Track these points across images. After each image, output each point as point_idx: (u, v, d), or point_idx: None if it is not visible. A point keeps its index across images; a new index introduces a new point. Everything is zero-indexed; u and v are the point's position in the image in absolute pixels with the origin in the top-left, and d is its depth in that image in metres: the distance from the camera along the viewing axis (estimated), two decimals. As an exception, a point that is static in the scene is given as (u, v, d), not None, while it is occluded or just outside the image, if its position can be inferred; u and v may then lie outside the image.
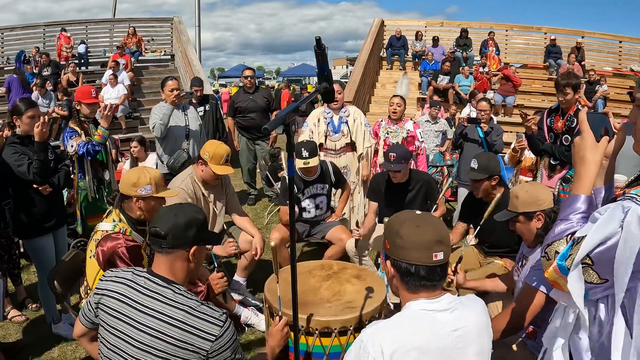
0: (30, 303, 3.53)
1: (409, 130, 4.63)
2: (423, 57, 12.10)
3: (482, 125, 4.68)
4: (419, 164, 4.65)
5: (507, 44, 13.34)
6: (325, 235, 3.78)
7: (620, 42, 12.91)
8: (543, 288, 1.90)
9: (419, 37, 12.82)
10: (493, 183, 3.03)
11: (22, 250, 3.70)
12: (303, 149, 3.47)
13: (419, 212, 1.47)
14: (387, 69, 13.17)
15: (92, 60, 12.17)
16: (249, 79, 5.91)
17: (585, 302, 1.13)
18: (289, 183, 1.59)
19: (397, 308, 1.65)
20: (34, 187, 2.99)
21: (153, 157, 5.17)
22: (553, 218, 2.07)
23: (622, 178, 2.12)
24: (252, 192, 6.44)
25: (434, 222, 1.42)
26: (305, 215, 3.80)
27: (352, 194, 4.40)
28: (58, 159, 3.22)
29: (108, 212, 2.42)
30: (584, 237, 1.10)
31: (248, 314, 3.21)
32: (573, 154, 1.28)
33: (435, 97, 9.86)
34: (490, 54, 12.07)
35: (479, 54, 12.45)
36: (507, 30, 13.42)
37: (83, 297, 2.39)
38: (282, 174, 5.57)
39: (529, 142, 3.79)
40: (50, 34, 12.13)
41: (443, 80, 10.61)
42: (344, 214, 4.25)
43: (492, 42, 12.25)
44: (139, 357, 1.48)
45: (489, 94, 10.18)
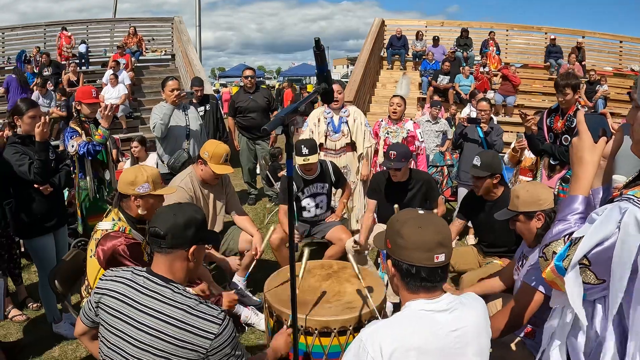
0: (31, 302, 3.54)
1: (409, 130, 4.63)
2: (423, 57, 12.09)
3: (482, 125, 4.69)
4: (419, 164, 4.65)
5: (507, 44, 13.32)
6: (325, 235, 3.78)
7: (621, 42, 12.89)
8: (542, 288, 1.90)
9: (420, 36, 12.81)
10: (495, 181, 3.04)
11: (22, 250, 3.72)
12: (303, 146, 3.49)
13: (422, 211, 1.43)
14: (387, 69, 13.16)
15: (92, 60, 12.17)
16: (249, 79, 5.91)
17: (583, 302, 1.13)
18: (288, 184, 1.60)
19: (396, 307, 1.65)
20: (35, 186, 3.00)
21: (153, 156, 5.18)
22: (553, 218, 2.07)
23: (621, 179, 2.11)
24: (252, 191, 6.45)
25: (437, 222, 1.39)
26: (305, 215, 3.81)
27: (352, 194, 4.40)
28: (59, 159, 3.23)
29: (108, 211, 2.43)
30: (582, 237, 1.10)
31: (248, 314, 3.22)
32: (571, 155, 1.29)
33: (436, 97, 9.85)
34: (491, 54, 12.05)
35: (480, 54, 12.44)
36: (507, 30, 13.40)
37: (84, 296, 2.40)
38: (282, 174, 5.58)
39: (529, 142, 3.79)
40: (51, 34, 12.13)
41: (443, 80, 10.61)
42: (344, 214, 4.25)
43: (492, 42, 12.23)
44: (139, 356, 1.49)
45: (490, 94, 10.18)
